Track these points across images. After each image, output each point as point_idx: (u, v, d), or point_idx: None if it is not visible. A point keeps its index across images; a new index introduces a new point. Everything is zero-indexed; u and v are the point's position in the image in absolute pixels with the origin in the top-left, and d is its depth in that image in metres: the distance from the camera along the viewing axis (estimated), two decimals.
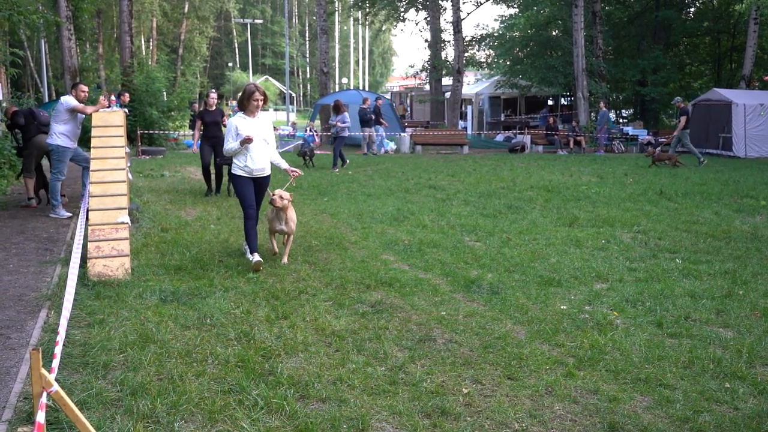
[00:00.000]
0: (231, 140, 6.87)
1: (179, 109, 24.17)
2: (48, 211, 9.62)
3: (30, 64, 37.12)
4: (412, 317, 5.44)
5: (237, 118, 6.95)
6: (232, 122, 6.91)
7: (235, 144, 6.82)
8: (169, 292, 5.91)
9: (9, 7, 11.76)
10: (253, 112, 6.96)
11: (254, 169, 6.93)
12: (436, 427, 3.65)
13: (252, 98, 6.86)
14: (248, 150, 6.85)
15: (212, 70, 69.68)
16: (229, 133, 6.90)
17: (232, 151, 6.86)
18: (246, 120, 6.93)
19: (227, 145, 6.90)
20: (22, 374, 4.20)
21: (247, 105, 6.92)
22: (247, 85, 7.03)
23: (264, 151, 6.99)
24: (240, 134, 6.82)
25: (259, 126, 6.97)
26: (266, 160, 7.03)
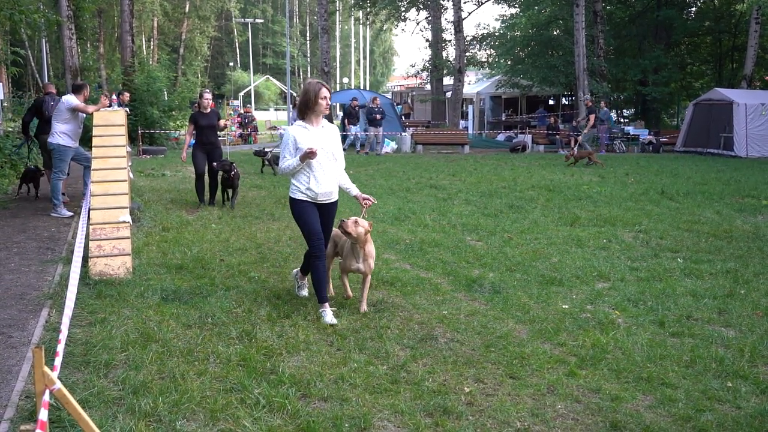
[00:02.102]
0: (288, 156, 5.39)
1: (180, 108, 24.17)
2: (49, 210, 9.61)
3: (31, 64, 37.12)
4: (413, 316, 5.44)
5: (296, 127, 5.44)
6: (290, 133, 5.42)
7: (294, 160, 5.34)
8: (171, 291, 5.91)
9: (10, 6, 11.77)
10: (317, 117, 5.45)
11: (319, 192, 5.41)
12: (438, 425, 3.65)
13: (319, 98, 5.34)
14: (311, 168, 5.37)
15: (213, 70, 69.67)
16: (286, 147, 5.43)
17: (290, 169, 5.39)
18: (308, 130, 5.39)
19: (283, 163, 5.42)
20: (23, 373, 4.20)
21: (312, 108, 5.38)
22: (308, 83, 5.48)
23: (332, 169, 5.48)
24: (300, 147, 5.32)
25: (324, 137, 5.44)
26: (334, 181, 5.53)
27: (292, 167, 5.39)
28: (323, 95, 5.36)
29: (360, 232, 5.42)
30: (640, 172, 15.99)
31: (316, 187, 5.41)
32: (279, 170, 5.57)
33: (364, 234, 5.45)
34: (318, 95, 5.34)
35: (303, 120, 5.45)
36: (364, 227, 5.45)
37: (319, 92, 5.35)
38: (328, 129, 5.56)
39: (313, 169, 5.39)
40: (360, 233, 5.42)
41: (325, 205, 5.57)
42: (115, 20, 43.00)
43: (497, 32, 33.53)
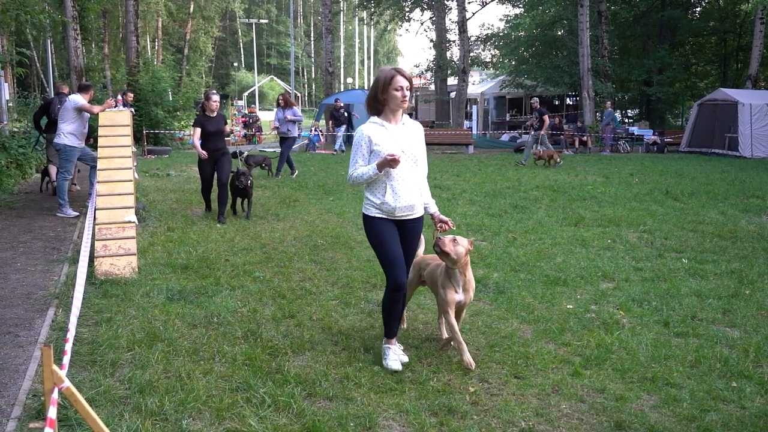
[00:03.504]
0: (361, 161, 4.32)
1: (185, 108, 24.23)
2: (54, 209, 9.65)
3: (36, 64, 37.27)
4: (418, 316, 5.45)
5: (370, 126, 4.34)
6: (363, 133, 4.31)
7: (369, 168, 4.25)
8: (176, 290, 5.93)
9: (16, 7, 11.81)
10: (396, 113, 4.35)
11: (397, 207, 4.31)
12: (443, 425, 3.66)
13: (391, 88, 4.23)
14: (389, 177, 4.29)
15: (217, 70, 69.78)
16: (358, 150, 4.33)
17: (363, 179, 4.30)
18: (385, 129, 4.32)
19: (355, 170, 4.35)
20: (30, 372, 4.23)
21: (385, 101, 4.30)
22: (381, 69, 4.38)
23: (414, 177, 4.38)
24: (377, 151, 4.25)
25: (406, 138, 4.35)
26: (417, 192, 4.41)
27: (366, 176, 4.28)
28: (398, 84, 4.22)
29: (460, 253, 4.36)
30: (644, 173, 15.97)
31: (393, 200, 4.30)
32: (349, 179, 4.42)
33: (464, 255, 4.40)
34: (390, 84, 4.22)
35: (379, 116, 4.37)
36: (464, 246, 4.39)
37: (392, 80, 4.22)
38: (411, 127, 4.45)
39: (391, 177, 4.29)
40: (460, 254, 4.37)
41: (405, 222, 4.44)
42: (119, 21, 43.12)
43: (501, 32, 33.53)
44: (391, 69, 4.31)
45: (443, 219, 4.53)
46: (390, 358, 4.41)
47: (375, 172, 4.23)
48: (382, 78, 4.26)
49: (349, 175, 4.41)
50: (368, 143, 4.30)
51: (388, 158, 4.13)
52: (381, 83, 4.25)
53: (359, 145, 4.33)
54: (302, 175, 14.88)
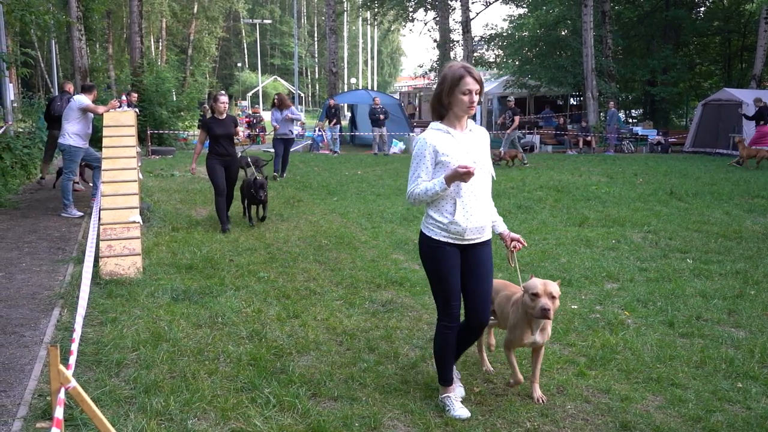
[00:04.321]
0: (424, 175, 3.67)
1: (188, 109, 24.26)
2: (59, 210, 9.67)
3: (41, 65, 37.31)
4: (423, 316, 5.45)
5: (433, 133, 3.70)
6: (426, 141, 3.66)
7: (436, 183, 3.60)
8: (181, 290, 5.95)
9: (21, 7, 11.85)
10: (462, 118, 3.71)
11: (467, 228, 3.68)
12: (448, 425, 3.66)
13: (460, 89, 3.59)
14: (459, 193, 3.64)
15: (221, 71, 69.85)
16: (421, 162, 3.67)
17: (428, 196, 3.65)
18: (452, 137, 3.68)
19: (416, 186, 3.68)
20: (36, 372, 4.24)
21: (451, 104, 3.66)
22: (448, 67, 3.69)
23: (486, 193, 3.77)
24: (445, 163, 3.62)
25: (474, 146, 3.73)
26: (488, 210, 3.80)
27: (431, 192, 3.62)
28: (466, 87, 3.57)
29: (557, 305, 3.81)
30: (648, 173, 15.94)
31: (464, 219, 3.66)
32: (409, 197, 3.74)
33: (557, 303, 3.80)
34: (458, 86, 3.58)
35: (441, 121, 3.74)
36: (557, 293, 3.78)
37: (460, 82, 3.57)
38: (478, 134, 3.79)
39: (461, 193, 3.64)
40: (557, 306, 3.81)
41: (472, 247, 3.78)
42: (123, 21, 43.20)
43: (505, 32, 33.49)
44: (460, 67, 3.63)
45: (515, 237, 3.92)
46: (455, 407, 3.80)
47: (443, 187, 3.56)
48: (449, 78, 3.61)
49: (409, 193, 3.71)
50: (433, 154, 3.64)
51: (460, 170, 3.46)
52: (447, 84, 3.61)
53: (422, 156, 3.66)
54: (306, 175, 14.89)
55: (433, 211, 3.73)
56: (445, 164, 3.61)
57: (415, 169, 3.70)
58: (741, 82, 28.98)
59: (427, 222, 3.80)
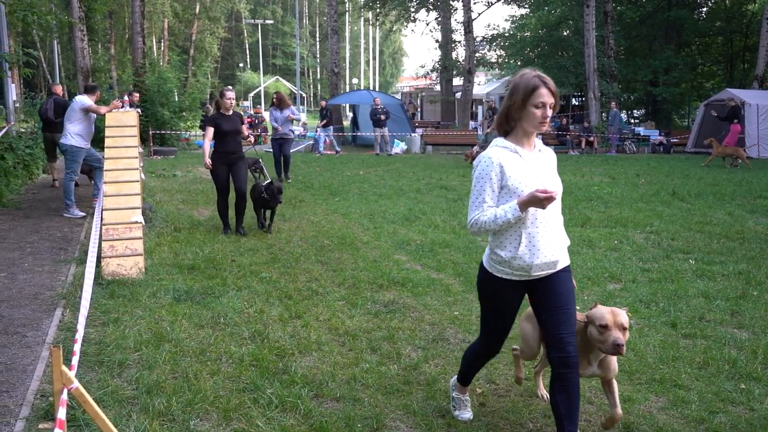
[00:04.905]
0: (489, 200, 3.19)
1: (190, 109, 24.28)
2: (61, 210, 9.68)
3: (43, 65, 37.37)
4: (425, 317, 5.45)
5: (500, 152, 3.21)
6: (492, 160, 3.18)
7: (507, 210, 3.12)
8: (183, 291, 5.94)
9: (24, 8, 11.87)
10: (529, 134, 3.25)
11: (535, 264, 3.21)
12: (450, 426, 3.66)
13: (532, 102, 3.13)
14: (526, 224, 3.19)
15: (223, 71, 69.90)
16: (485, 185, 3.19)
17: (497, 224, 3.15)
18: (520, 157, 3.22)
19: (482, 214, 3.19)
20: (38, 372, 4.24)
21: (520, 118, 3.21)
22: (521, 75, 3.21)
23: (558, 222, 3.34)
24: (512, 188, 3.16)
25: (544, 168, 3.28)
26: (561, 242, 3.36)
27: (501, 221, 3.14)
28: (539, 99, 3.13)
29: (627, 337, 3.39)
30: (650, 173, 15.94)
31: (530, 255, 3.19)
32: (472, 226, 3.22)
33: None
34: (530, 98, 3.13)
35: (507, 138, 3.28)
36: (627, 323, 3.40)
37: (533, 93, 3.13)
38: (547, 155, 3.36)
39: (528, 224, 3.18)
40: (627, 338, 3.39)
41: (545, 282, 3.31)
42: (125, 21, 43.27)
43: (507, 33, 33.51)
44: (534, 76, 3.15)
45: None
46: (461, 408, 3.76)
47: (516, 214, 3.08)
48: (521, 88, 3.15)
49: (473, 221, 3.21)
50: (499, 175, 3.17)
51: (540, 195, 2.99)
52: (519, 96, 3.15)
53: (486, 177, 3.18)
54: (308, 175, 14.89)
55: (495, 244, 3.27)
56: (513, 189, 3.15)
57: (479, 192, 3.21)
58: (743, 83, 28.97)
59: (489, 257, 3.35)
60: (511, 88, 3.22)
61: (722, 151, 18.04)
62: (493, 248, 3.29)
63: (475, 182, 3.23)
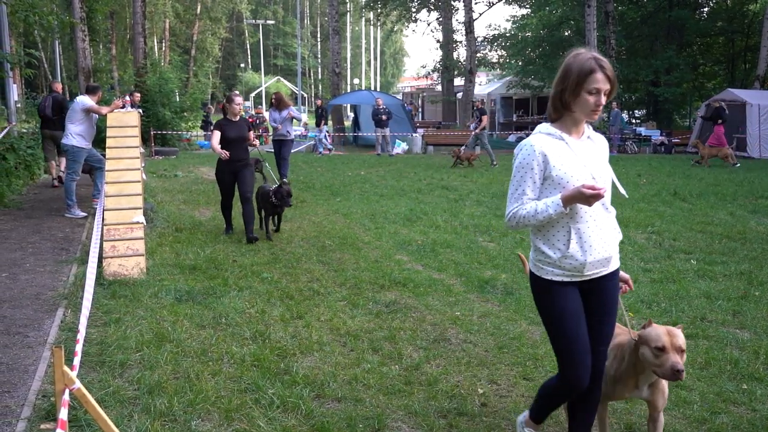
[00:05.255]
0: (529, 192, 2.93)
1: (192, 109, 24.29)
2: (63, 210, 9.68)
3: (44, 65, 37.40)
4: (426, 317, 5.44)
5: (543, 139, 2.94)
6: (534, 148, 2.90)
7: (549, 205, 2.84)
8: (184, 291, 5.94)
9: (25, 8, 11.88)
10: (578, 122, 2.97)
11: (588, 261, 2.92)
12: (452, 427, 3.65)
13: (586, 88, 2.82)
14: (575, 218, 2.91)
15: (224, 71, 69.95)
16: (526, 175, 2.92)
17: (538, 220, 2.88)
18: (565, 144, 2.94)
19: (521, 207, 2.93)
20: (40, 372, 4.24)
21: (571, 104, 2.89)
22: (574, 55, 2.88)
23: (608, 218, 3.03)
24: (558, 179, 2.88)
25: (594, 158, 3.01)
26: (613, 237, 3.03)
27: (542, 216, 2.87)
28: (594, 85, 2.82)
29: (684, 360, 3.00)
30: (652, 173, 15.93)
31: (581, 252, 2.91)
32: (509, 220, 2.98)
33: None
34: (585, 83, 2.82)
35: (554, 123, 3.00)
36: (684, 344, 3.00)
37: (588, 78, 2.81)
38: (598, 143, 3.10)
39: (578, 218, 2.91)
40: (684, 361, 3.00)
41: (597, 282, 3.02)
42: (127, 22, 43.29)
43: (508, 33, 33.50)
44: (589, 58, 2.84)
45: (624, 277, 3.20)
46: None
47: (558, 209, 2.81)
48: (575, 71, 2.84)
49: (511, 214, 2.96)
50: (542, 165, 2.89)
51: (586, 192, 2.73)
52: (573, 79, 2.83)
53: (528, 167, 2.90)
54: (309, 176, 14.89)
55: (542, 242, 2.99)
56: (557, 180, 2.88)
57: (518, 183, 2.94)
58: (744, 83, 28.94)
59: (536, 258, 3.04)
60: (563, 71, 2.90)
61: (709, 152, 18.08)
62: (538, 246, 3.01)
63: (515, 172, 2.96)
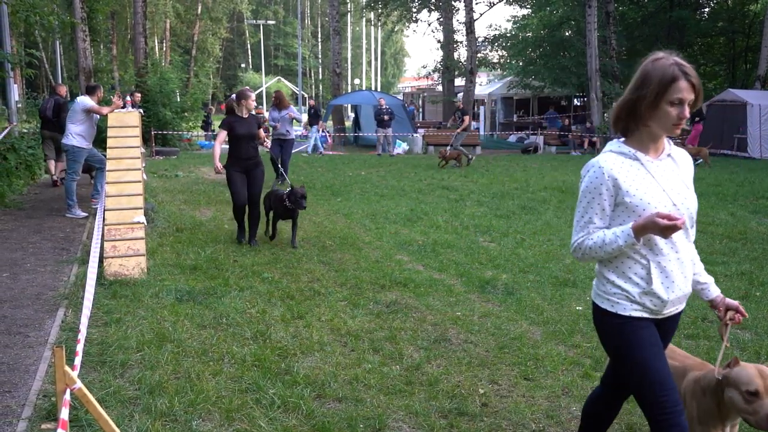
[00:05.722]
0: (597, 220, 2.60)
1: (192, 109, 24.30)
2: (63, 210, 9.68)
3: (45, 65, 37.44)
4: (427, 317, 5.44)
5: (614, 159, 2.59)
6: (603, 171, 2.55)
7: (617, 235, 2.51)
8: (185, 291, 5.94)
9: (26, 8, 11.88)
10: (656, 137, 2.57)
11: (669, 300, 2.58)
12: (453, 427, 3.65)
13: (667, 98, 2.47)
14: (654, 250, 2.55)
15: (225, 71, 69.91)
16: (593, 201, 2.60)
17: (606, 251, 2.55)
18: (641, 164, 2.58)
19: (587, 238, 2.61)
20: (41, 372, 4.24)
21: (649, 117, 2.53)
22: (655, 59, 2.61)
23: (690, 247, 2.66)
24: (632, 205, 2.52)
25: (675, 180, 2.60)
26: (692, 270, 2.69)
27: (612, 248, 2.52)
28: (677, 95, 2.46)
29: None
30: None
31: (664, 289, 2.54)
32: (576, 249, 2.65)
33: None
34: (666, 93, 2.46)
35: (627, 140, 2.62)
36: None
37: (670, 87, 2.46)
38: (680, 160, 2.66)
39: (658, 251, 2.54)
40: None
41: (666, 320, 2.66)
42: (128, 22, 43.31)
43: (509, 33, 33.49)
44: (672, 64, 2.52)
45: (733, 305, 2.73)
46: None
47: (629, 240, 2.46)
48: (655, 79, 2.49)
49: (576, 244, 2.65)
50: (612, 190, 2.53)
51: (661, 223, 2.38)
52: (653, 88, 2.47)
53: (595, 192, 2.57)
54: (310, 176, 14.89)
55: (614, 274, 2.60)
56: (632, 207, 2.51)
57: (584, 210, 2.61)
58: (745, 83, 28.93)
59: (603, 289, 2.65)
60: (640, 77, 2.56)
61: (688, 151, 18.04)
62: (613, 280, 2.60)
63: (582, 197, 2.63)
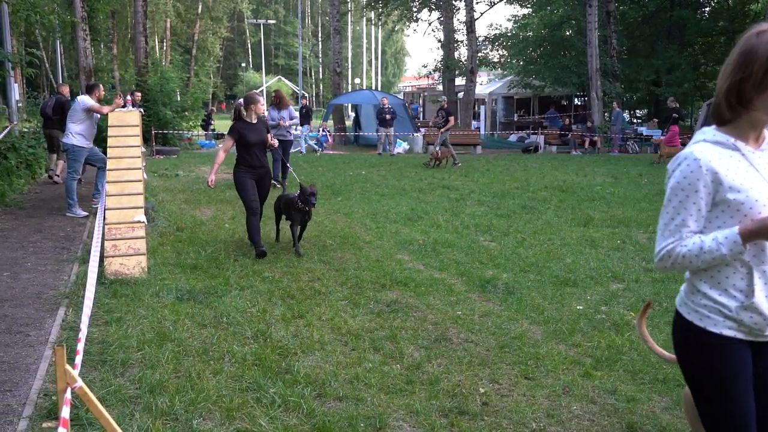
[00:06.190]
0: (692, 223, 2.17)
1: (193, 109, 24.29)
2: (64, 209, 9.68)
3: (45, 65, 37.41)
4: (427, 317, 5.44)
5: (711, 149, 2.18)
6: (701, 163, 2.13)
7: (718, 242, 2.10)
8: (186, 290, 5.94)
9: (27, 7, 11.89)
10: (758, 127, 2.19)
11: None
12: (453, 426, 3.65)
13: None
14: (758, 257, 2.14)
15: (225, 71, 69.94)
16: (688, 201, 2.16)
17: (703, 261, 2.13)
18: (741, 155, 2.18)
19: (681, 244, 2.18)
20: (41, 371, 4.24)
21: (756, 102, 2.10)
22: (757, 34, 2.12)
23: None
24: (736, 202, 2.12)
25: None
26: None
27: (713, 256, 2.13)
28: None
29: None
30: (653, 173, 15.91)
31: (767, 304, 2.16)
32: (663, 258, 2.24)
33: None
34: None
35: (721, 128, 2.24)
36: None
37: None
38: None
39: (764, 258, 2.16)
40: None
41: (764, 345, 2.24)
42: (128, 21, 43.25)
43: (509, 33, 33.49)
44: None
45: None
46: None
47: (735, 249, 2.09)
48: (763, 53, 2.07)
49: (665, 251, 2.24)
50: (711, 187, 2.15)
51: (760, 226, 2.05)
52: (760, 64, 2.07)
53: (690, 189, 2.16)
54: (310, 175, 14.88)
55: (708, 284, 2.23)
56: (735, 206, 2.13)
57: (676, 211, 2.20)
58: None
59: (694, 301, 2.27)
60: (743, 54, 2.14)
61: (668, 152, 17.98)
62: (700, 289, 2.24)
63: (671, 195, 2.21)
